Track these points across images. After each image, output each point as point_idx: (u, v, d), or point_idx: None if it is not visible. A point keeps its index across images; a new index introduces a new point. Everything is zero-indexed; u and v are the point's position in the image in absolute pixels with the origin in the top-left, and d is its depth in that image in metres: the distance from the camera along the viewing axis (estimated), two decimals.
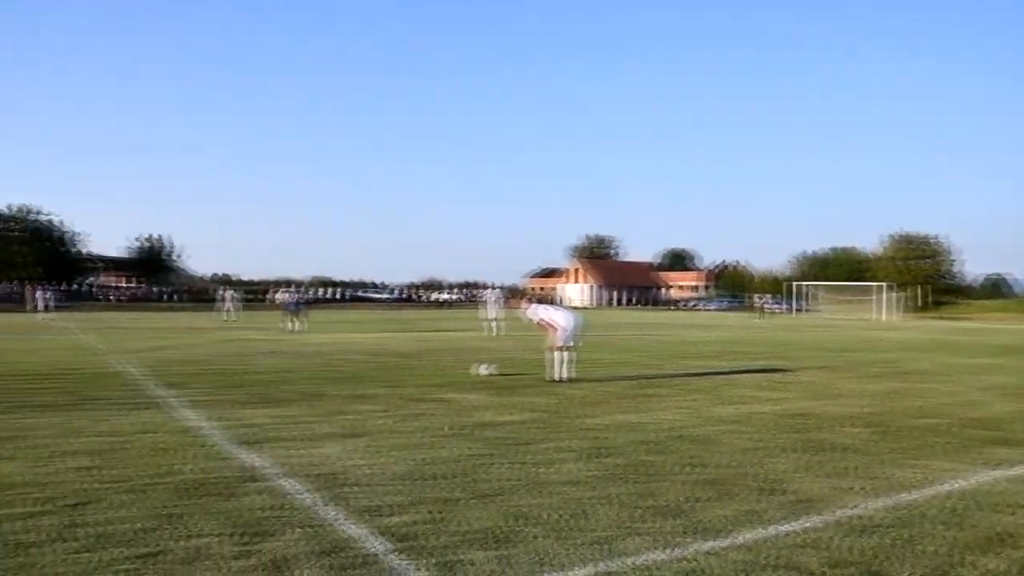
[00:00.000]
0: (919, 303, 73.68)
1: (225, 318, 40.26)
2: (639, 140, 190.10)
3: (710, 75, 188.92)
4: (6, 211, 78.48)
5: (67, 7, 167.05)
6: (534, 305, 13.29)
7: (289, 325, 27.74)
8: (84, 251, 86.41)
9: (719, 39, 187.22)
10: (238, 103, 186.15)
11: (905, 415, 9.30)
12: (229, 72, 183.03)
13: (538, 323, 12.80)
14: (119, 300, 69.16)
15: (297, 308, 28.85)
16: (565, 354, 12.32)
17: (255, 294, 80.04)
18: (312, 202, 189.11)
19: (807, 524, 4.85)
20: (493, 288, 26.70)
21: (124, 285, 78.14)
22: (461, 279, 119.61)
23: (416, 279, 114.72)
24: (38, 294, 46.67)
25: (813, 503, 5.33)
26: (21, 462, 6.30)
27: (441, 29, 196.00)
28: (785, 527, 4.78)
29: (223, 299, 44.19)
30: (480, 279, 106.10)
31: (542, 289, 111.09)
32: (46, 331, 27.60)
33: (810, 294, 71.18)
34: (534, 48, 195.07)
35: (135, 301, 68.76)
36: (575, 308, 13.14)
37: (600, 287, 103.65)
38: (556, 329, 12.41)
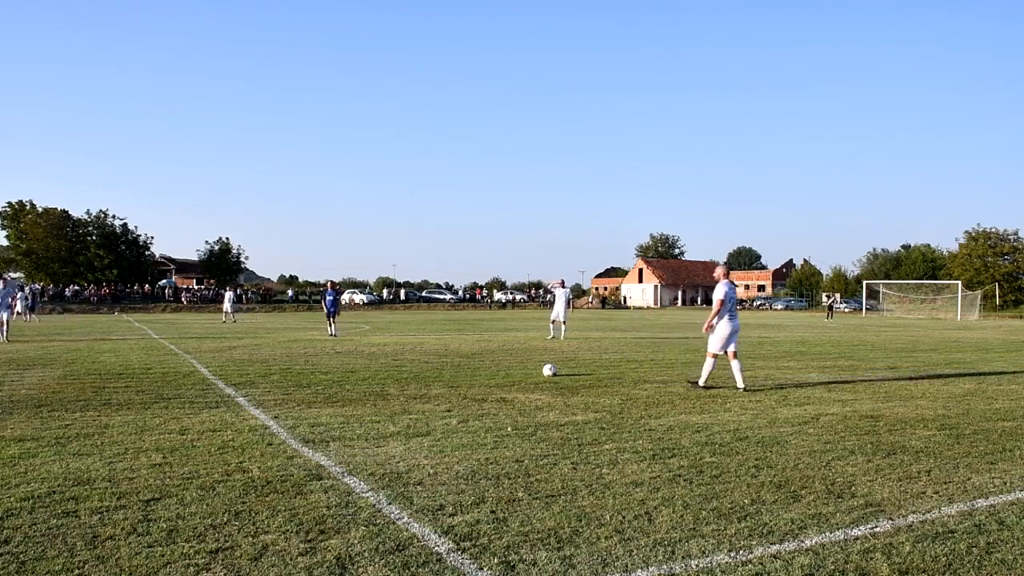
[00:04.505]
0: (997, 302, 71.30)
1: (224, 320, 40.00)
2: (704, 136, 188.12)
3: (776, 72, 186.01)
4: (85, 217, 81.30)
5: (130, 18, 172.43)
6: (726, 282, 11.45)
7: (329, 330, 26.10)
8: (157, 254, 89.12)
9: (782, 38, 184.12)
10: (306, 115, 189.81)
11: (982, 418, 9.00)
12: (297, 88, 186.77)
13: (718, 301, 11.27)
14: (191, 301, 70.98)
15: (333, 309, 26.45)
16: (711, 360, 11.39)
17: (321, 295, 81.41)
18: (378, 204, 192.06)
19: (877, 528, 4.72)
20: (563, 286, 24.75)
21: (195, 287, 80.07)
22: (525, 279, 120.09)
23: (480, 279, 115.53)
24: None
25: (883, 507, 5.20)
26: (98, 458, 6.51)
27: (493, 38, 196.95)
28: (854, 531, 4.67)
29: (224, 300, 43.05)
30: (544, 279, 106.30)
31: (616, 290, 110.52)
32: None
33: (881, 293, 69.42)
34: (594, 51, 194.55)
35: (206, 302, 70.47)
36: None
37: (664, 286, 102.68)
38: (718, 328, 11.31)
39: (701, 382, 11.38)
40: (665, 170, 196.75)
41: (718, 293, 11.35)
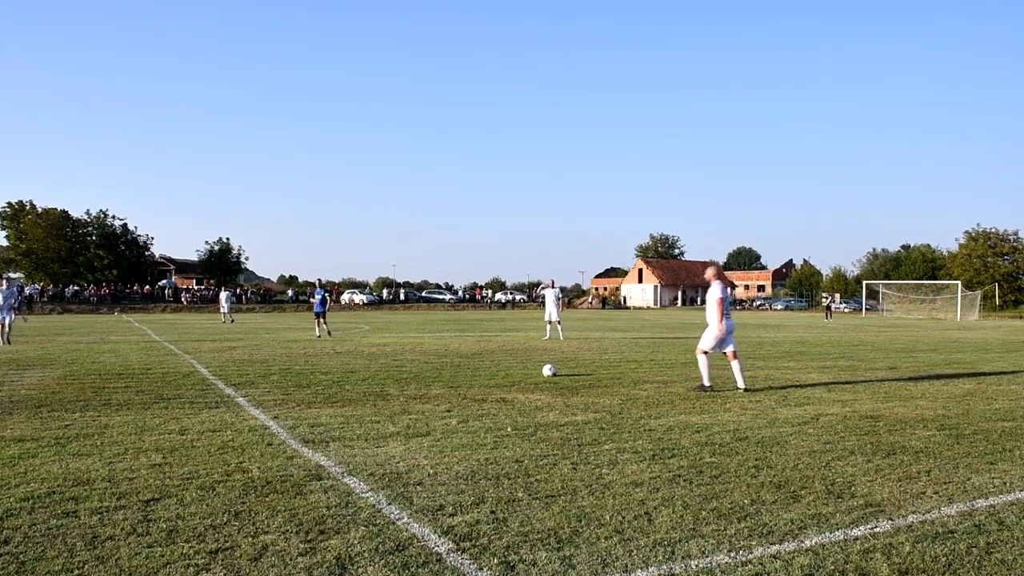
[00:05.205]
0: (997, 302, 71.30)
1: (223, 321, 39.80)
2: (704, 136, 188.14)
3: (776, 72, 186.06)
4: (85, 217, 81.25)
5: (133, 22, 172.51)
6: (720, 282, 11.48)
7: (317, 330, 25.33)
8: (157, 254, 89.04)
9: (781, 38, 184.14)
10: (306, 115, 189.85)
11: (982, 418, 9.00)
12: (299, 88, 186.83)
13: (717, 301, 11.20)
14: (191, 302, 70.93)
15: (321, 309, 25.32)
16: (704, 357, 11.29)
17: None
18: (378, 204, 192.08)
19: (877, 529, 4.72)
20: (552, 286, 24.87)
21: (195, 288, 79.98)
22: (525, 279, 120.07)
23: (480, 280, 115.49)
24: None
25: (883, 507, 5.19)
26: (98, 458, 6.50)
27: (493, 38, 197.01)
28: (854, 531, 4.67)
29: (221, 300, 42.85)
30: (544, 279, 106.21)
31: (616, 290, 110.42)
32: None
33: (881, 293, 69.41)
34: (594, 51, 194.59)
35: (206, 303, 70.42)
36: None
37: (663, 287, 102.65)
38: (713, 328, 11.22)
39: (707, 382, 11.23)
40: (665, 170, 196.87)
41: (716, 293, 11.27)
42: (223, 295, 43.23)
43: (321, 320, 25.30)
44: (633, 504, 5.22)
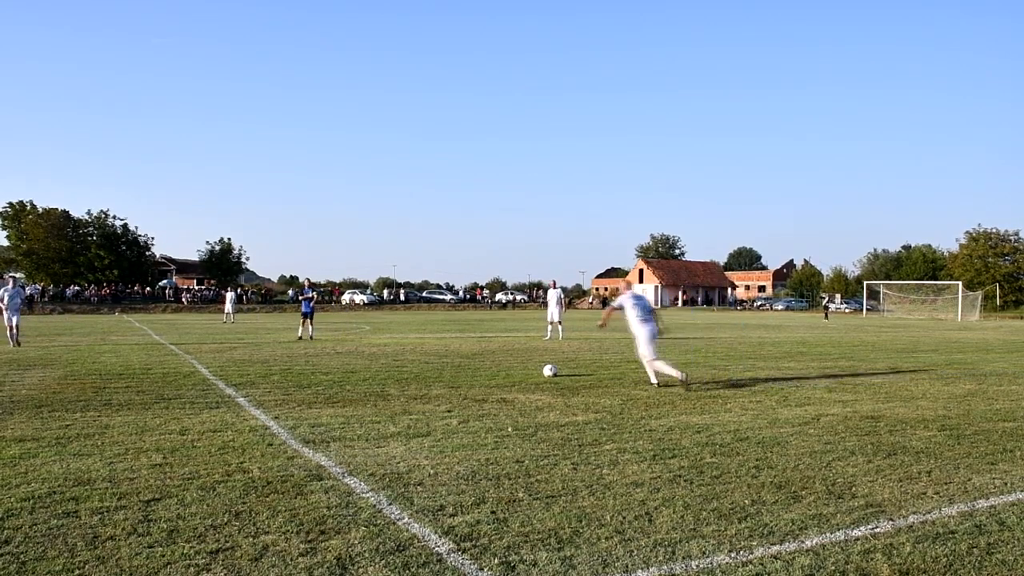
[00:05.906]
0: (998, 303, 71.26)
1: (224, 320, 39.87)
2: (704, 136, 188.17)
3: (775, 72, 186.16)
4: (85, 217, 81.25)
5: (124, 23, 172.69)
6: (628, 293, 12.47)
7: (300, 331, 24.29)
8: (157, 254, 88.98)
9: (781, 38, 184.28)
10: (306, 115, 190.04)
11: (982, 418, 9.00)
12: (299, 88, 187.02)
13: (610, 309, 12.60)
14: (191, 302, 70.93)
15: (308, 310, 24.28)
16: (647, 364, 12.02)
17: (322, 296, 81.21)
18: (378, 204, 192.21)
19: (877, 529, 4.72)
20: (555, 287, 24.93)
21: (195, 288, 79.95)
22: (525, 279, 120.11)
23: (480, 280, 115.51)
24: None
25: (884, 508, 5.19)
26: (98, 458, 6.51)
27: (493, 38, 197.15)
28: (854, 532, 4.67)
29: (224, 300, 43.08)
30: (544, 279, 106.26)
31: (615, 290, 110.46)
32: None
33: (882, 293, 69.37)
34: (594, 51, 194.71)
35: (206, 303, 70.41)
36: (650, 313, 12.04)
37: (664, 287, 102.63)
38: (635, 335, 12.08)
39: (683, 378, 11.32)
40: (665, 170, 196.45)
41: (617, 302, 12.28)
42: (229, 295, 43.50)
43: (308, 321, 24.49)
44: (634, 504, 5.22)
